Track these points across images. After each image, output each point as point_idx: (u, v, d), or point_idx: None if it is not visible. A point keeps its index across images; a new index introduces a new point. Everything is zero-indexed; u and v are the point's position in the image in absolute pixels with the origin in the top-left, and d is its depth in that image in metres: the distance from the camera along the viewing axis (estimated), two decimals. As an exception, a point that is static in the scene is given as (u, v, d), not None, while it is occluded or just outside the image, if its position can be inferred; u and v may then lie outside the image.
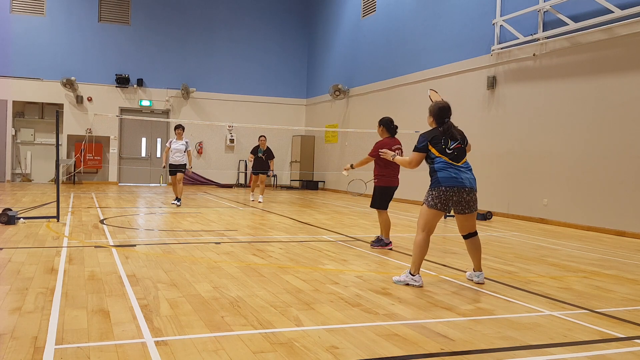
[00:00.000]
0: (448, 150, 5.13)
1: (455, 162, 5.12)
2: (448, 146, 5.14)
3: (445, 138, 5.15)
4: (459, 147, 5.18)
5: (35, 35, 19.48)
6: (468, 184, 5.07)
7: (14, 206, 10.50)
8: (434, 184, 5.12)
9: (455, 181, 5.04)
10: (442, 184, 5.05)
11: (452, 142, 5.16)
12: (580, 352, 3.48)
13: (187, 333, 3.58)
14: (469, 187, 5.07)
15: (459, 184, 5.04)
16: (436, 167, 5.13)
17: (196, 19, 21.51)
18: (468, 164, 5.22)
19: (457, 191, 5.03)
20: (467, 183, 5.07)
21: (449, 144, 5.15)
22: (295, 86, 23.06)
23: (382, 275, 5.65)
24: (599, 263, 6.78)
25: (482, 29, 13.11)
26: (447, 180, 5.05)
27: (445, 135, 5.16)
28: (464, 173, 5.10)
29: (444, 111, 5.27)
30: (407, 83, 16.09)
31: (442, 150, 5.14)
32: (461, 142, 5.21)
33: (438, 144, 5.15)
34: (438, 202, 5.06)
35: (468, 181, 5.08)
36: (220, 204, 13.82)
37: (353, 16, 19.45)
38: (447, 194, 5.03)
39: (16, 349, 3.20)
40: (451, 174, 5.06)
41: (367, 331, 3.74)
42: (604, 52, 10.16)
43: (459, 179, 5.05)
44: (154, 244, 7.20)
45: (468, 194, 5.07)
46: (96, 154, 20.06)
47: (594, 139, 10.28)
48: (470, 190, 5.08)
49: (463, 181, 5.05)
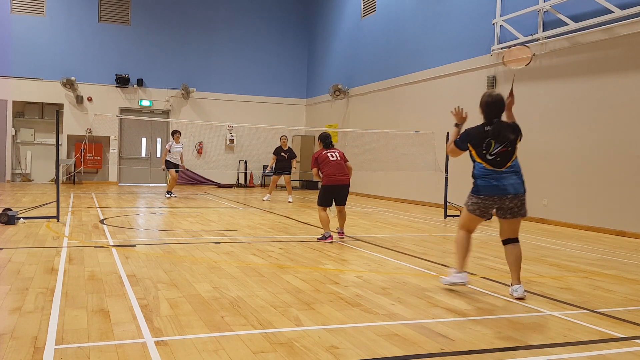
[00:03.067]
0: (489, 157, 4.62)
1: (497, 167, 4.62)
2: (490, 151, 4.61)
3: (488, 141, 4.61)
4: (504, 152, 4.62)
5: (35, 35, 19.48)
6: (512, 191, 4.59)
7: (14, 206, 10.50)
8: (474, 190, 4.76)
9: (495, 190, 4.60)
10: (482, 193, 4.67)
11: (497, 146, 4.59)
12: (580, 352, 3.48)
13: (187, 333, 3.58)
14: (512, 194, 4.60)
15: (500, 192, 4.59)
16: (476, 172, 4.71)
17: (196, 19, 21.51)
18: (514, 166, 4.67)
19: (498, 199, 4.63)
20: (511, 190, 4.59)
21: (492, 148, 4.60)
22: (295, 86, 23.06)
23: (382, 275, 5.65)
24: (599, 263, 6.78)
25: (482, 29, 13.11)
26: (486, 189, 4.64)
27: (489, 137, 4.61)
28: (507, 179, 4.60)
29: (492, 108, 4.70)
30: (407, 83, 16.09)
31: (482, 155, 4.65)
32: (508, 145, 4.63)
33: (479, 147, 4.65)
34: (477, 208, 4.75)
35: (512, 187, 4.59)
36: (220, 204, 13.82)
37: (353, 16, 19.45)
38: (486, 202, 4.67)
39: (16, 349, 3.20)
40: (491, 182, 4.61)
41: (367, 331, 3.74)
42: (604, 52, 10.16)
43: (500, 186, 4.59)
44: (154, 244, 7.20)
45: (511, 201, 4.61)
46: (96, 154, 20.05)
47: (594, 139, 10.28)
48: (514, 197, 4.61)
49: (506, 188, 4.58)
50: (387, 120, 16.70)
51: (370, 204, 15.03)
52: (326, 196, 7.96)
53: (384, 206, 14.32)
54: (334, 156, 7.99)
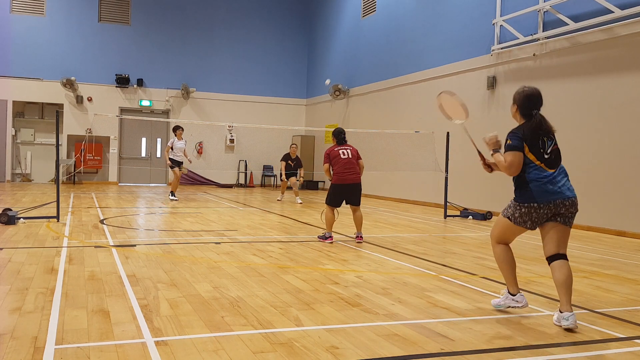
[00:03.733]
0: (546, 155, 4.05)
1: (552, 168, 4.06)
2: (546, 149, 4.06)
3: (542, 138, 4.05)
4: (556, 149, 4.12)
5: (35, 35, 19.47)
6: (570, 194, 4.03)
7: (14, 206, 10.50)
8: (525, 198, 4.06)
9: (554, 195, 3.99)
10: (537, 200, 4.00)
11: (549, 143, 4.08)
12: (580, 352, 3.48)
13: (187, 333, 3.58)
14: (570, 198, 4.02)
15: (560, 197, 3.99)
16: (529, 176, 4.04)
17: (196, 19, 21.51)
18: (563, 168, 4.16)
19: (555, 206, 3.99)
20: (569, 192, 4.03)
21: (547, 145, 4.06)
22: (295, 86, 23.06)
23: (382, 275, 5.65)
24: (599, 263, 6.78)
25: (482, 29, 13.11)
26: (543, 195, 4.00)
27: (540, 133, 4.05)
28: (561, 181, 4.06)
29: (533, 100, 4.13)
30: (407, 83, 16.09)
31: (539, 154, 4.04)
32: (556, 143, 4.14)
33: (535, 145, 4.04)
34: (528, 219, 4.07)
35: (569, 190, 4.04)
36: (220, 204, 13.82)
37: (353, 16, 19.45)
38: (540, 211, 4.01)
39: (16, 349, 3.20)
40: (548, 186, 4.00)
41: (367, 331, 3.74)
42: (604, 52, 10.16)
43: (557, 190, 4.00)
44: (154, 244, 7.20)
45: (568, 208, 4.02)
46: (96, 154, 20.05)
47: (594, 139, 10.28)
48: (572, 203, 4.03)
49: (563, 191, 4.01)
50: (387, 120, 16.70)
51: (370, 204, 15.04)
52: (335, 196, 7.80)
53: (384, 206, 14.32)
54: (345, 154, 7.82)
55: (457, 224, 10.68)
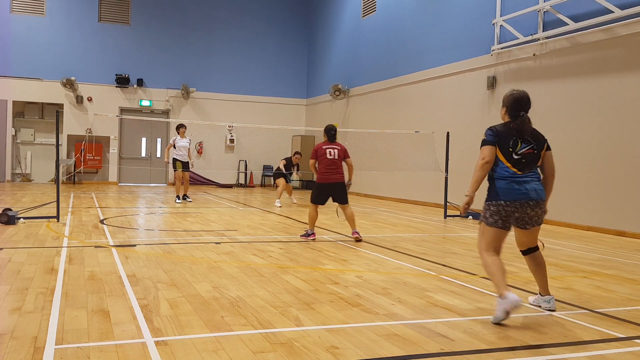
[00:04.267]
0: (515, 156, 4.20)
1: (521, 170, 4.19)
2: (516, 150, 4.20)
3: (515, 139, 4.21)
4: (530, 153, 4.23)
5: (35, 35, 19.47)
6: (534, 196, 4.16)
7: (14, 206, 10.50)
8: (492, 195, 4.23)
9: (518, 193, 4.14)
10: (502, 197, 4.16)
11: (523, 146, 4.21)
12: (580, 352, 3.48)
13: (187, 333, 3.58)
14: (534, 200, 4.17)
15: (523, 197, 4.14)
16: (496, 174, 4.22)
17: (196, 19, 21.51)
18: (536, 173, 4.30)
19: (520, 206, 4.15)
20: (533, 194, 4.16)
21: (518, 147, 4.21)
22: (295, 86, 23.06)
23: (382, 275, 5.65)
24: (599, 263, 6.78)
25: (482, 29, 13.11)
26: (507, 193, 4.15)
27: (516, 134, 4.23)
28: (529, 183, 4.19)
29: (521, 102, 4.32)
30: (407, 83, 16.09)
31: (508, 154, 4.20)
32: (534, 148, 4.25)
33: (505, 144, 4.20)
34: (498, 218, 4.20)
35: (535, 192, 4.17)
36: (220, 204, 13.82)
37: (353, 16, 19.45)
38: (507, 209, 4.16)
39: (16, 349, 3.20)
40: (512, 186, 4.15)
41: (367, 331, 3.74)
42: (604, 52, 10.16)
43: (522, 190, 4.14)
44: (154, 244, 7.20)
45: (533, 208, 4.19)
46: (96, 154, 20.05)
47: (594, 139, 10.28)
48: (536, 203, 4.18)
49: (528, 192, 4.15)
50: (387, 120, 16.69)
51: (370, 204, 15.03)
52: (319, 194, 7.96)
53: (384, 206, 14.32)
54: (331, 153, 7.92)
55: (457, 224, 10.68)
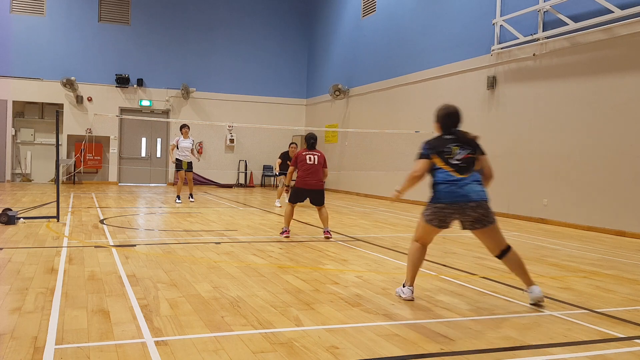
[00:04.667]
0: (454, 162, 4.43)
1: (461, 174, 4.41)
2: (453, 156, 4.45)
3: (449, 147, 4.46)
4: (468, 158, 4.46)
5: (35, 35, 19.47)
6: (475, 197, 4.37)
7: (14, 206, 10.50)
8: (434, 198, 4.50)
9: (457, 196, 4.37)
10: (442, 200, 4.42)
11: (461, 152, 4.45)
12: (580, 352, 3.48)
13: (187, 333, 3.58)
14: (475, 201, 4.37)
15: (462, 199, 4.37)
16: (436, 179, 4.48)
17: (196, 19, 21.51)
18: (476, 176, 4.49)
19: (459, 208, 4.38)
20: (474, 196, 4.37)
21: (455, 153, 4.45)
22: (295, 86, 23.06)
23: (382, 275, 5.65)
24: (599, 263, 6.78)
25: (482, 29, 13.11)
26: (447, 196, 4.40)
27: (452, 143, 4.48)
28: (470, 186, 4.41)
29: (452, 117, 4.59)
30: (407, 83, 16.09)
31: (446, 160, 4.45)
32: (472, 152, 4.48)
33: (442, 152, 4.47)
34: (434, 218, 4.48)
35: (475, 194, 4.39)
36: (220, 204, 13.82)
37: (353, 16, 19.45)
38: (445, 210, 4.41)
39: (16, 349, 3.20)
40: (453, 188, 4.39)
41: (367, 331, 3.74)
42: (604, 52, 10.16)
43: (462, 192, 4.37)
44: (154, 244, 7.20)
45: (474, 209, 4.39)
46: (96, 154, 20.05)
47: (594, 138, 10.28)
48: (477, 205, 4.38)
49: (468, 194, 4.37)
50: (387, 120, 16.69)
51: (370, 204, 15.03)
52: (297, 196, 8.19)
53: (384, 206, 14.32)
54: (311, 159, 8.08)
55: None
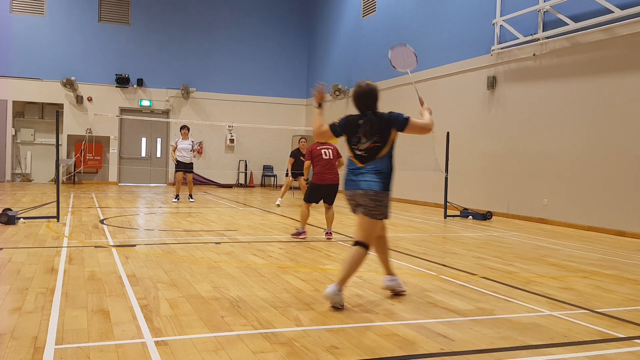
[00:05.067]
0: (357, 152, 4.40)
1: (361, 163, 4.39)
2: (359, 147, 4.38)
3: (358, 136, 4.37)
4: (373, 147, 4.36)
5: (35, 35, 19.47)
6: (366, 187, 4.33)
7: (14, 206, 10.49)
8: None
9: (352, 185, 4.42)
10: (344, 187, 4.53)
11: (366, 141, 4.35)
12: (580, 352, 3.48)
13: (187, 333, 3.58)
14: (363, 190, 4.33)
15: (355, 187, 4.39)
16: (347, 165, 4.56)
17: (196, 19, 21.51)
18: (377, 166, 4.36)
19: (353, 195, 4.42)
20: (364, 186, 4.33)
21: (361, 142, 4.36)
22: (295, 86, 23.06)
23: (382, 275, 5.64)
24: (599, 263, 6.78)
25: (482, 29, 13.11)
26: (346, 183, 4.48)
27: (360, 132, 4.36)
28: (365, 176, 4.36)
29: (362, 97, 4.48)
30: (407, 83, 16.07)
31: (352, 149, 4.44)
32: (379, 140, 4.36)
33: (350, 140, 4.43)
34: (347, 202, 4.56)
35: (365, 184, 4.33)
36: (220, 204, 13.82)
37: (353, 16, 19.45)
38: (347, 196, 4.50)
39: (16, 349, 3.20)
40: (351, 176, 4.44)
41: (367, 331, 3.74)
42: (604, 52, 10.16)
43: (356, 181, 4.39)
44: (154, 244, 7.20)
45: (362, 197, 4.35)
46: (96, 154, 20.05)
47: (594, 139, 10.28)
48: (365, 193, 4.33)
49: (359, 183, 4.36)
50: (387, 120, 16.66)
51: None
52: (314, 194, 8.05)
53: (384, 206, 14.30)
54: (327, 154, 7.99)
55: (457, 224, 10.68)
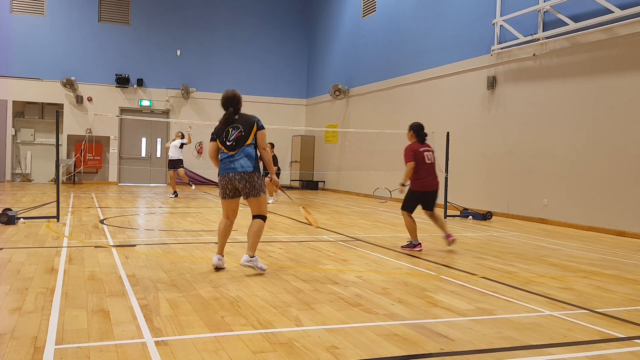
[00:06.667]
0: (228, 142, 5.41)
1: (231, 151, 5.39)
2: (229, 137, 5.41)
3: (226, 129, 5.43)
4: (239, 136, 5.40)
5: (35, 35, 19.47)
6: (239, 169, 5.33)
7: (14, 206, 10.50)
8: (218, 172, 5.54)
9: (227, 170, 5.37)
10: (220, 172, 5.46)
11: (233, 132, 5.42)
12: (580, 352, 3.48)
13: (187, 333, 3.58)
14: (240, 173, 5.32)
15: (230, 171, 5.35)
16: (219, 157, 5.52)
17: (196, 19, 21.51)
18: (246, 151, 5.38)
19: (229, 178, 5.36)
20: (239, 168, 5.33)
21: (230, 134, 5.42)
22: (295, 86, 23.06)
23: (382, 275, 5.65)
24: (599, 263, 6.78)
25: (482, 29, 13.11)
26: (222, 169, 5.43)
27: (226, 125, 5.45)
28: (238, 160, 5.36)
29: (227, 100, 5.55)
30: (407, 83, 16.09)
31: (223, 142, 5.45)
32: (243, 131, 5.40)
33: (220, 136, 5.48)
34: (220, 189, 5.51)
35: (240, 167, 5.33)
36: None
37: (353, 16, 19.45)
38: (222, 181, 5.43)
39: (16, 349, 3.20)
40: (226, 163, 5.40)
41: (367, 331, 3.74)
42: (604, 52, 10.16)
43: (231, 166, 5.36)
44: (154, 244, 7.20)
45: (240, 181, 5.34)
46: (96, 154, 20.05)
47: (594, 139, 10.28)
48: (242, 176, 5.33)
49: (235, 167, 5.34)
50: (387, 120, 16.69)
51: (370, 204, 15.03)
52: (413, 201, 7.25)
53: (384, 206, 14.32)
54: (429, 158, 7.19)
55: (457, 224, 10.69)
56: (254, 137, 5.45)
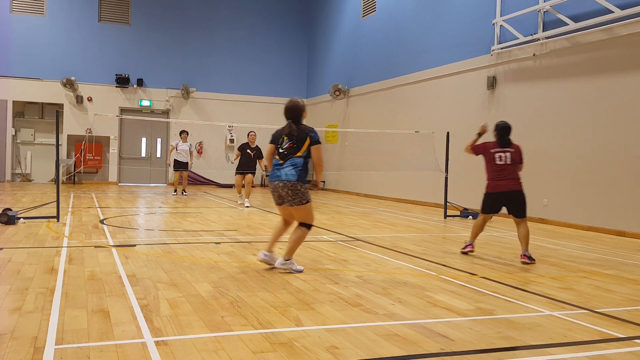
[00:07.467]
0: (281, 150, 5.60)
1: (282, 159, 5.57)
2: (282, 145, 5.62)
3: (282, 137, 5.63)
4: (290, 147, 5.56)
5: (35, 35, 19.47)
6: (283, 177, 5.47)
7: (14, 206, 10.49)
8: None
9: (275, 178, 5.55)
10: (270, 180, 5.64)
11: (287, 142, 5.59)
12: (580, 352, 3.48)
13: (187, 333, 3.58)
14: (283, 181, 5.46)
15: (277, 179, 5.52)
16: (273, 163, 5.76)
17: (196, 19, 21.51)
18: (294, 161, 5.52)
19: (275, 186, 5.54)
20: (283, 177, 5.48)
21: (284, 142, 5.61)
22: (295, 86, 23.05)
23: (382, 275, 5.65)
24: (599, 263, 6.78)
25: (482, 29, 13.11)
26: (272, 177, 5.61)
27: (285, 134, 5.62)
28: (285, 169, 5.51)
29: (287, 112, 5.72)
30: (407, 83, 16.08)
31: (278, 149, 5.67)
32: (295, 142, 5.55)
33: (276, 142, 5.70)
34: (272, 195, 5.68)
35: (285, 175, 5.48)
36: (220, 204, 13.82)
37: (353, 16, 19.45)
38: (271, 188, 5.60)
39: (16, 349, 3.20)
40: (275, 171, 5.60)
41: (367, 331, 3.74)
42: (604, 52, 10.16)
43: (277, 174, 5.54)
44: (154, 244, 7.20)
45: (282, 188, 5.48)
46: (96, 154, 20.05)
47: (594, 139, 10.28)
48: (284, 185, 5.46)
49: (280, 176, 5.50)
50: (387, 120, 16.69)
51: (370, 204, 15.03)
52: (485, 203, 6.96)
53: (384, 206, 14.32)
54: (502, 158, 6.74)
55: (457, 224, 10.69)
56: (306, 150, 5.58)
